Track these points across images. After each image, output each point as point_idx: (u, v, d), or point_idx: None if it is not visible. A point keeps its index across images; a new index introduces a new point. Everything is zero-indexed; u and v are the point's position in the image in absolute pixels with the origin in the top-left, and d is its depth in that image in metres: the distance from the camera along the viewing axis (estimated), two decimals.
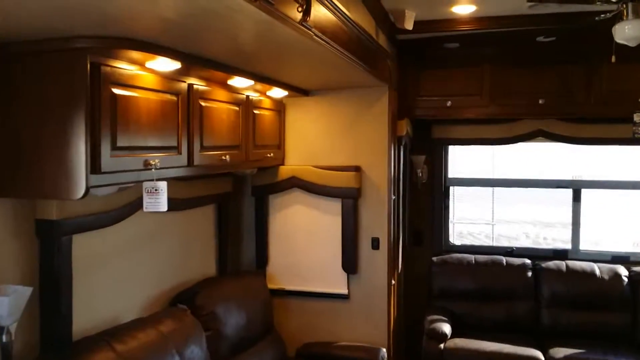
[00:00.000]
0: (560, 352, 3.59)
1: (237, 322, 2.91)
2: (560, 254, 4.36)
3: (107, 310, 2.38)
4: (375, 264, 3.50)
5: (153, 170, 2.08)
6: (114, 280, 2.43)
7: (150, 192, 2.10)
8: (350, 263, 3.48)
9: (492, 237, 4.70)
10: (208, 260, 3.29)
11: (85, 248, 2.24)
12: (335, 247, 3.51)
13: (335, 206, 3.50)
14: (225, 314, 2.85)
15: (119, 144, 1.91)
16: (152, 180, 2.09)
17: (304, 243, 3.57)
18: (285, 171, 3.55)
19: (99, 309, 2.33)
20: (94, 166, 1.80)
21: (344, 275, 3.52)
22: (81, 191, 1.78)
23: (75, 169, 1.78)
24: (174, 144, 2.25)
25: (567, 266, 4.12)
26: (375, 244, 3.48)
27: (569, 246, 4.41)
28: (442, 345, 3.72)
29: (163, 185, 2.10)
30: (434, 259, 4.36)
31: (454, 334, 3.88)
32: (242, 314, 2.98)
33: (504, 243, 4.65)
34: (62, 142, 1.78)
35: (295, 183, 3.52)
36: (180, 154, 2.29)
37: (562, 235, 4.55)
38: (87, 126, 1.77)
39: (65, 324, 2.08)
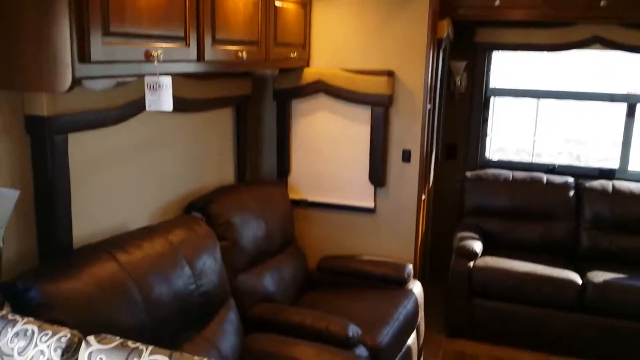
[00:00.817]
0: (599, 276, 3.38)
1: (254, 232, 2.75)
2: (607, 174, 4.03)
3: (112, 218, 2.22)
4: (405, 177, 3.25)
5: (155, 63, 1.81)
6: (120, 187, 2.25)
7: (153, 89, 1.85)
8: (377, 175, 3.24)
9: (533, 154, 4.37)
10: (225, 168, 3.09)
11: (86, 150, 2.05)
12: (362, 158, 3.27)
13: (364, 114, 3.21)
14: (242, 224, 2.68)
15: (113, 29, 1.64)
16: (155, 74, 1.83)
17: (329, 152, 3.33)
18: (310, 74, 3.24)
19: (103, 217, 2.17)
20: (82, 54, 1.55)
21: (370, 188, 3.29)
22: (67, 82, 1.54)
23: (60, 56, 1.53)
24: (181, 33, 1.97)
25: (613, 186, 3.81)
26: (406, 156, 3.22)
27: (616, 165, 4.07)
28: (471, 264, 3.54)
29: (167, 81, 1.84)
30: (468, 174, 4.09)
31: (485, 253, 3.69)
32: (261, 225, 2.81)
33: (546, 160, 4.32)
34: (44, 23, 1.53)
35: (321, 87, 3.22)
36: (189, 46, 2.01)
37: (610, 153, 4.19)
38: (71, 4, 1.50)
39: (64, 232, 1.92)
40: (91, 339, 1.31)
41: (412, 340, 2.94)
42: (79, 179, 2.01)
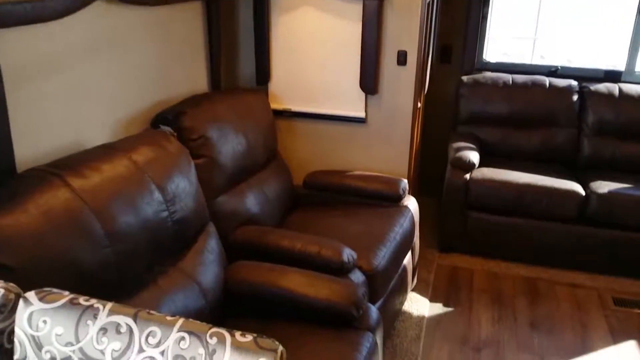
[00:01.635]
0: (603, 186, 3.17)
1: (234, 148, 2.42)
2: (613, 76, 3.74)
3: (64, 135, 1.87)
4: (400, 83, 2.91)
5: None
6: (72, 98, 1.88)
7: None
8: (369, 81, 2.89)
9: (534, 55, 4.02)
10: (197, 74, 2.71)
11: (23, 52, 1.65)
12: (352, 61, 2.90)
13: (354, 10, 2.81)
14: (220, 138, 2.35)
15: None
16: None
17: (314, 55, 2.95)
18: None
19: (53, 135, 1.82)
20: None
21: (361, 95, 2.95)
22: None
23: None
24: None
25: (619, 90, 3.53)
26: (401, 58, 2.86)
27: (623, 67, 3.76)
28: (467, 176, 3.30)
29: None
30: (464, 78, 3.76)
31: (482, 164, 3.44)
32: (240, 139, 2.48)
33: (548, 62, 3.98)
34: None
35: None
36: None
37: (617, 54, 3.87)
38: None
39: (1, 152, 1.58)
40: (31, 295, 1.02)
41: (407, 259, 2.74)
42: (16, 88, 1.64)
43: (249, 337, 0.92)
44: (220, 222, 2.30)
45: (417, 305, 2.93)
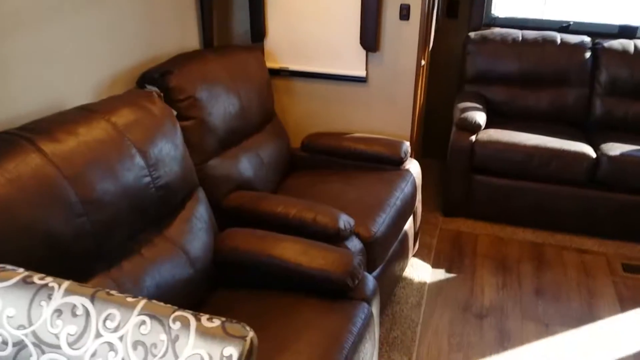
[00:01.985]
0: (615, 148, 3.03)
1: (225, 109, 2.30)
2: (628, 32, 3.55)
3: (40, 96, 1.75)
4: (403, 39, 2.75)
5: None
6: (48, 54, 1.76)
7: None
8: (370, 38, 2.73)
9: (545, 9, 3.82)
10: (187, 31, 2.56)
11: None
12: (352, 16, 2.74)
13: None
14: (210, 99, 2.22)
15: None
16: None
17: (312, 10, 2.78)
18: None
19: (27, 95, 1.70)
20: None
21: (361, 53, 2.80)
22: None
23: None
24: None
25: (635, 47, 3.35)
26: (404, 12, 2.69)
27: (639, 23, 3.56)
28: (473, 138, 3.16)
29: None
30: (471, 34, 3.58)
31: (489, 125, 3.30)
32: (233, 99, 2.35)
33: (559, 17, 3.78)
34: None
35: None
36: None
37: (632, 9, 3.66)
38: None
39: None
40: None
41: (409, 224, 2.64)
42: None
43: (216, 322, 0.82)
44: (211, 187, 2.20)
45: (419, 271, 2.85)
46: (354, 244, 2.09)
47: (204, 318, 0.83)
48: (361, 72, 2.84)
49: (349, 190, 2.45)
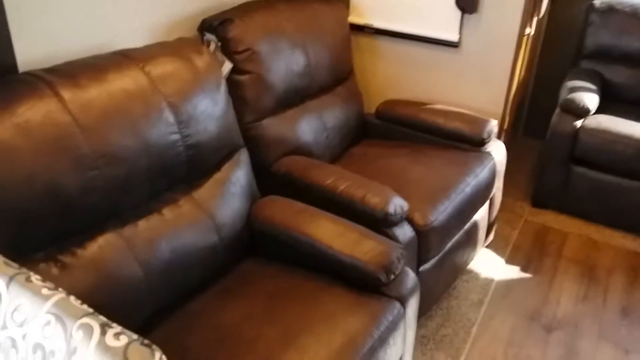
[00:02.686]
0: None
1: (288, 66, 2.12)
2: None
3: (84, 37, 1.67)
4: (506, 1, 2.38)
5: None
6: None
7: None
8: None
9: None
10: None
11: None
12: None
13: None
14: (272, 53, 2.05)
15: None
16: None
17: None
18: None
19: (71, 34, 1.63)
20: None
21: (456, 14, 2.47)
22: None
23: None
24: None
25: None
26: None
27: None
28: (578, 123, 2.74)
29: None
30: (596, 2, 3.07)
31: (600, 110, 2.85)
32: (299, 56, 2.17)
33: None
34: None
35: None
36: None
37: None
38: None
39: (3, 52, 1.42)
40: None
41: (481, 213, 2.35)
42: None
43: (122, 341, 0.68)
44: (262, 148, 2.07)
45: (488, 265, 2.56)
46: (404, 232, 1.87)
47: (112, 332, 0.69)
48: (453, 36, 2.52)
49: (414, 168, 2.21)
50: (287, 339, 1.42)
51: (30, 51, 1.53)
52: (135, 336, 0.71)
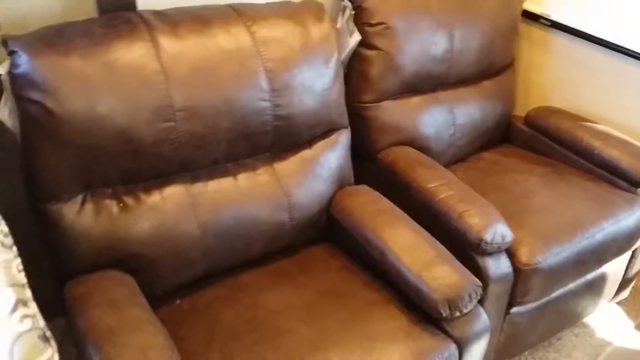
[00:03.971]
0: None
1: (424, 48, 1.90)
2: None
3: None
4: None
5: None
6: None
7: None
8: None
9: None
10: None
11: None
12: None
13: None
14: (408, 32, 1.86)
15: None
16: None
17: None
18: None
19: None
20: None
21: None
22: None
23: None
24: None
25: None
26: None
27: None
28: None
29: None
30: None
31: None
32: (441, 39, 1.94)
33: None
34: None
35: None
36: None
37: None
38: None
39: None
40: None
41: (614, 266, 1.96)
42: None
43: (24, 326, 0.63)
44: (374, 131, 1.93)
45: (611, 324, 2.16)
46: (499, 265, 1.62)
47: (21, 313, 0.65)
48: None
49: (543, 193, 1.89)
50: (317, 345, 1.32)
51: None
52: (41, 324, 0.67)
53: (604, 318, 2.18)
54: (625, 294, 2.19)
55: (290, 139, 1.59)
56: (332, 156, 1.68)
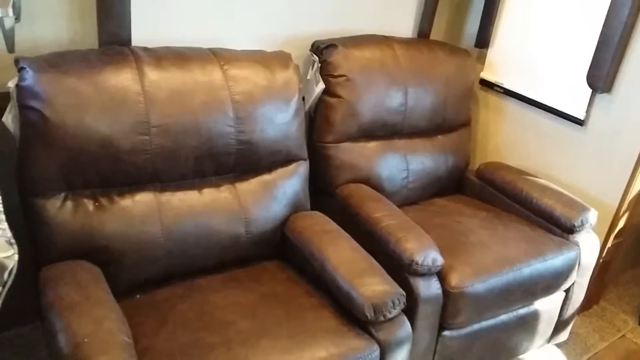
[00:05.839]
0: None
1: (380, 100, 2.19)
2: None
3: (194, 31, 1.96)
4: None
5: None
6: None
7: None
8: (600, 74, 2.21)
9: None
10: (399, 15, 2.49)
11: None
12: (584, 45, 2.25)
13: None
14: (366, 85, 2.15)
15: None
16: None
17: (546, 31, 2.40)
18: None
19: (182, 30, 1.93)
20: None
21: (585, 92, 2.30)
22: None
23: None
24: None
25: None
26: None
27: None
28: None
29: None
30: None
31: None
32: (396, 94, 2.23)
33: None
34: None
35: None
36: None
37: None
38: None
39: (120, 27, 1.75)
40: None
41: (546, 305, 2.13)
42: None
43: None
44: (333, 168, 2.17)
45: None
46: (429, 286, 1.81)
47: None
48: (579, 113, 2.34)
49: (481, 232, 2.10)
50: (252, 334, 1.50)
51: (144, 32, 1.84)
52: (8, 234, 0.88)
53: (543, 358, 2.32)
54: (564, 336, 2.34)
55: (252, 163, 1.84)
56: (289, 183, 1.92)
